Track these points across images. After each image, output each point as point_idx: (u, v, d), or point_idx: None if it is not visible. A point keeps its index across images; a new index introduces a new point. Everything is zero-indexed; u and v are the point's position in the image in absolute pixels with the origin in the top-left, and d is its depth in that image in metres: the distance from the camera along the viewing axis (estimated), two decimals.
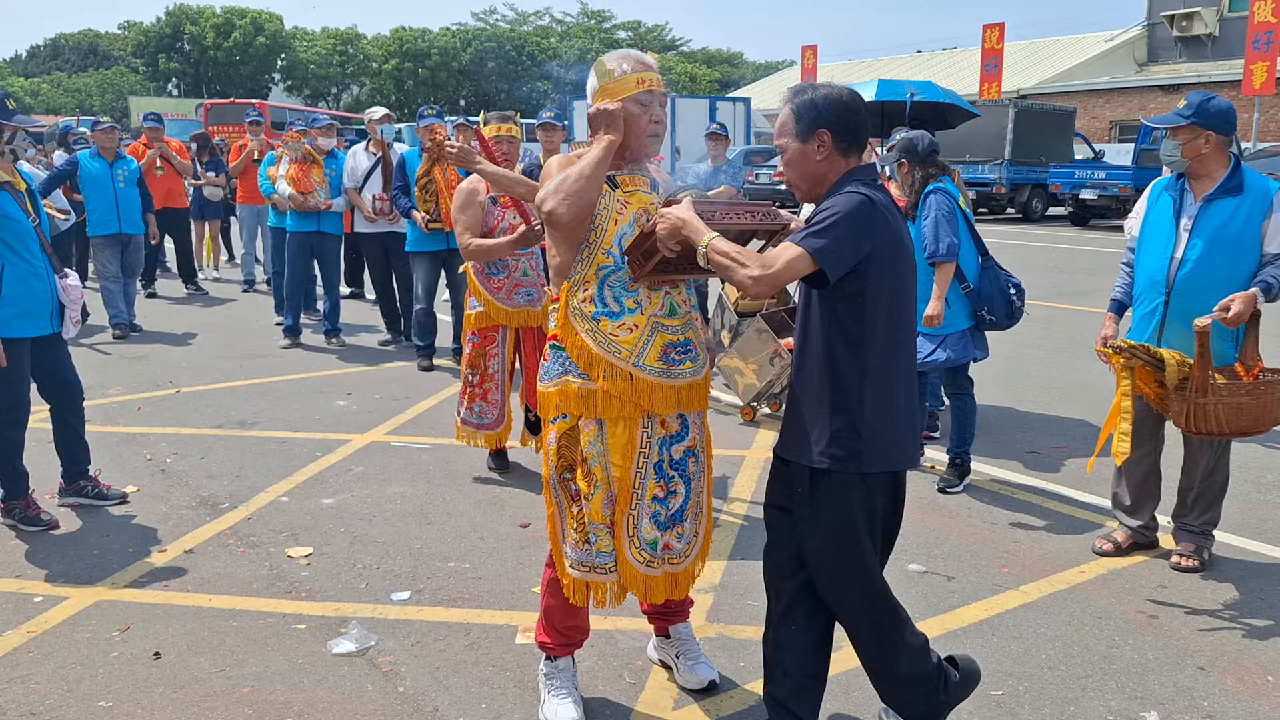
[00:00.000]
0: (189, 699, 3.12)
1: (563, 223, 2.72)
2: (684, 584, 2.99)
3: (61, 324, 4.54)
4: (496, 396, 5.10)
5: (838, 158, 2.58)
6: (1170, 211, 4.02)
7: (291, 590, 3.90)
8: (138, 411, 6.47)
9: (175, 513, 4.70)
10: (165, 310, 10.38)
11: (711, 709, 3.09)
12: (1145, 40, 33.20)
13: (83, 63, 64.83)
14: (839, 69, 42.30)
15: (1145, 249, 4.12)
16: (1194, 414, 3.73)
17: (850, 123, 2.55)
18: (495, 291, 4.97)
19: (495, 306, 4.98)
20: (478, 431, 5.13)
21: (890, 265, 2.51)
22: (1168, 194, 4.08)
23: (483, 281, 4.99)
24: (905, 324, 2.61)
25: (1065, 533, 4.51)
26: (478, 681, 3.23)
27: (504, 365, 5.09)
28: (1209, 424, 3.74)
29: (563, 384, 2.83)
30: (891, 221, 2.52)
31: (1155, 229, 4.09)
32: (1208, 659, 3.40)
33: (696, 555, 3.00)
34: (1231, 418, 3.71)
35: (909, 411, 2.63)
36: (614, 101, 2.76)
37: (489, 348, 5.05)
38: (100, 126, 9.17)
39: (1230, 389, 3.71)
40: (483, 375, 5.07)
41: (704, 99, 29.39)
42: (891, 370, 2.56)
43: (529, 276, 5.01)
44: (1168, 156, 3.99)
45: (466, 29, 59.93)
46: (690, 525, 2.95)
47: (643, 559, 2.87)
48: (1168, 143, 3.96)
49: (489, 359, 5.06)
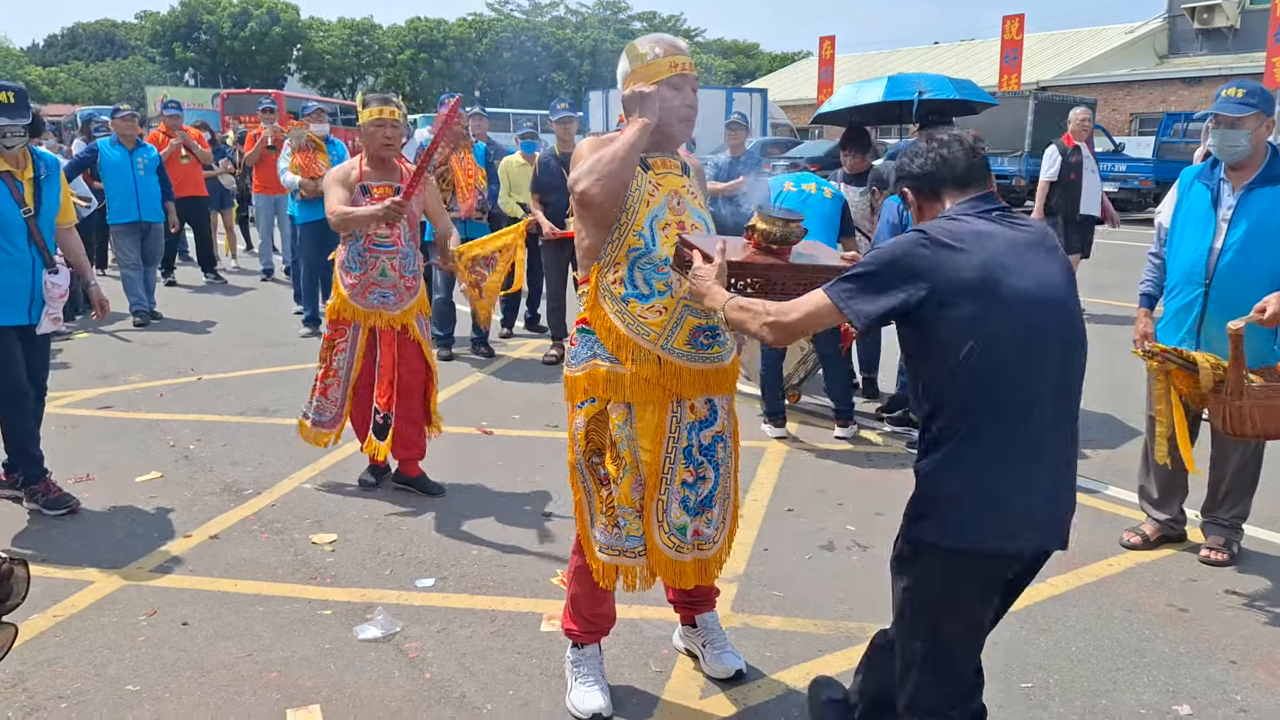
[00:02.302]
0: (217, 683, 3.13)
1: (595, 203, 2.71)
2: (713, 570, 2.99)
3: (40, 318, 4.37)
4: (336, 394, 4.72)
5: (927, 207, 2.41)
6: (1207, 201, 3.93)
7: (317, 576, 3.90)
8: (160, 398, 6.49)
9: (199, 499, 4.71)
10: (185, 298, 10.41)
11: (739, 698, 3.08)
12: (1166, 32, 32.92)
13: (100, 52, 65.04)
14: (856, 60, 42.13)
15: (1180, 240, 4.02)
16: (1230, 416, 3.66)
17: (919, 171, 2.39)
18: (350, 288, 4.60)
19: (347, 303, 4.61)
20: (314, 429, 4.80)
21: (977, 305, 2.16)
22: (1201, 183, 3.99)
23: (342, 274, 4.64)
24: (1021, 384, 2.20)
25: (1092, 526, 4.47)
26: (504, 668, 3.23)
27: (350, 362, 4.68)
28: (1245, 426, 3.66)
29: (590, 367, 2.82)
30: (978, 255, 2.19)
31: (1191, 219, 3.99)
32: (1239, 653, 3.37)
33: (724, 540, 3.00)
34: (1268, 420, 3.61)
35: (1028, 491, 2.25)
36: (648, 85, 2.75)
37: (338, 341, 4.68)
38: (120, 114, 9.19)
39: (1266, 391, 3.63)
40: (326, 369, 4.72)
41: (720, 90, 29.28)
42: (1003, 447, 2.21)
43: (387, 276, 4.58)
44: (1230, 147, 3.82)
45: (482, 19, 59.94)
46: (719, 511, 2.94)
47: (672, 544, 2.86)
48: (1229, 133, 3.80)
49: (335, 353, 4.69)
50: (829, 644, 3.40)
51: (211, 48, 57.02)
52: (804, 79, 42.87)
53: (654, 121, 2.73)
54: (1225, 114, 3.81)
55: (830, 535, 4.34)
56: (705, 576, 2.97)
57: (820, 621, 3.57)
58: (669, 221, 2.80)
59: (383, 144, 4.54)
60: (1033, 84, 29.37)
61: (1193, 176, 4.07)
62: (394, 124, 4.56)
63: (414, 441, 4.77)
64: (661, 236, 2.77)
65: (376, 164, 4.60)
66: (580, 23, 62.50)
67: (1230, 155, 3.86)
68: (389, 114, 4.54)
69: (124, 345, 8.12)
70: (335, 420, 4.78)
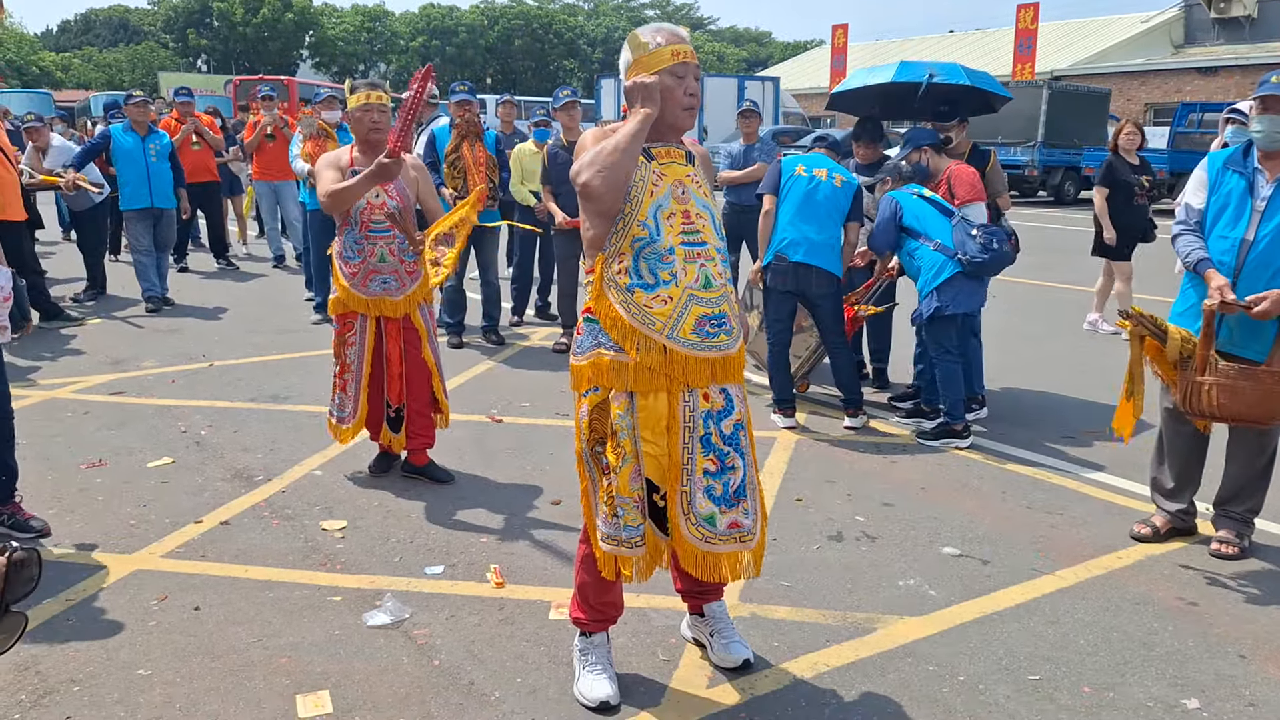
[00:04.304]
0: (227, 668, 3.15)
1: (597, 195, 2.71)
2: (758, 560, 2.91)
3: None
4: (353, 389, 4.71)
5: None
6: (1243, 189, 3.83)
7: (326, 563, 3.92)
8: (172, 384, 6.52)
9: (210, 485, 4.74)
10: (197, 285, 10.45)
11: (745, 688, 3.09)
12: (1182, 21, 32.67)
13: (113, 38, 65.22)
14: (869, 49, 41.90)
15: (1212, 228, 3.91)
16: (1191, 392, 3.68)
17: None
18: (350, 277, 4.59)
19: (350, 293, 4.60)
20: (337, 425, 4.79)
21: None
22: (1235, 172, 3.88)
23: (340, 264, 4.63)
24: None
25: (1101, 518, 4.46)
26: (512, 656, 3.24)
27: (361, 355, 4.68)
28: (1203, 404, 3.67)
29: (595, 356, 2.81)
30: None
31: (1224, 208, 3.88)
32: (1249, 647, 3.36)
33: (760, 532, 2.92)
34: (1228, 401, 3.64)
35: None
36: (650, 75, 2.73)
37: (347, 335, 4.67)
38: (133, 100, 9.20)
39: (1229, 372, 3.64)
40: (342, 365, 4.72)
41: (732, 78, 29.22)
42: None
43: (386, 262, 4.56)
44: (1276, 134, 3.74)
45: (494, 6, 59.83)
46: (752, 501, 2.90)
47: (700, 535, 2.81)
48: (1277, 119, 3.73)
49: (347, 347, 4.68)
50: (836, 634, 3.41)
51: (224, 34, 57.10)
52: (817, 67, 42.72)
53: (656, 111, 2.72)
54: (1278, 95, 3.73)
55: (839, 526, 4.34)
56: (754, 568, 2.89)
57: (828, 612, 3.57)
58: (673, 211, 2.78)
59: (370, 128, 4.53)
60: (1047, 73, 29.18)
61: (1223, 162, 3.95)
62: (381, 109, 4.56)
63: (422, 431, 4.79)
64: (666, 226, 2.76)
65: (366, 149, 4.60)
66: (593, 10, 62.30)
67: (1274, 143, 3.77)
68: (375, 99, 4.55)
69: (136, 331, 8.15)
70: (353, 415, 4.76)
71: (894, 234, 5.53)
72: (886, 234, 5.56)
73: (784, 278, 5.59)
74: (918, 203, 5.50)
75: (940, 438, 5.43)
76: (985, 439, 5.53)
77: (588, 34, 58.51)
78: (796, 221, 5.55)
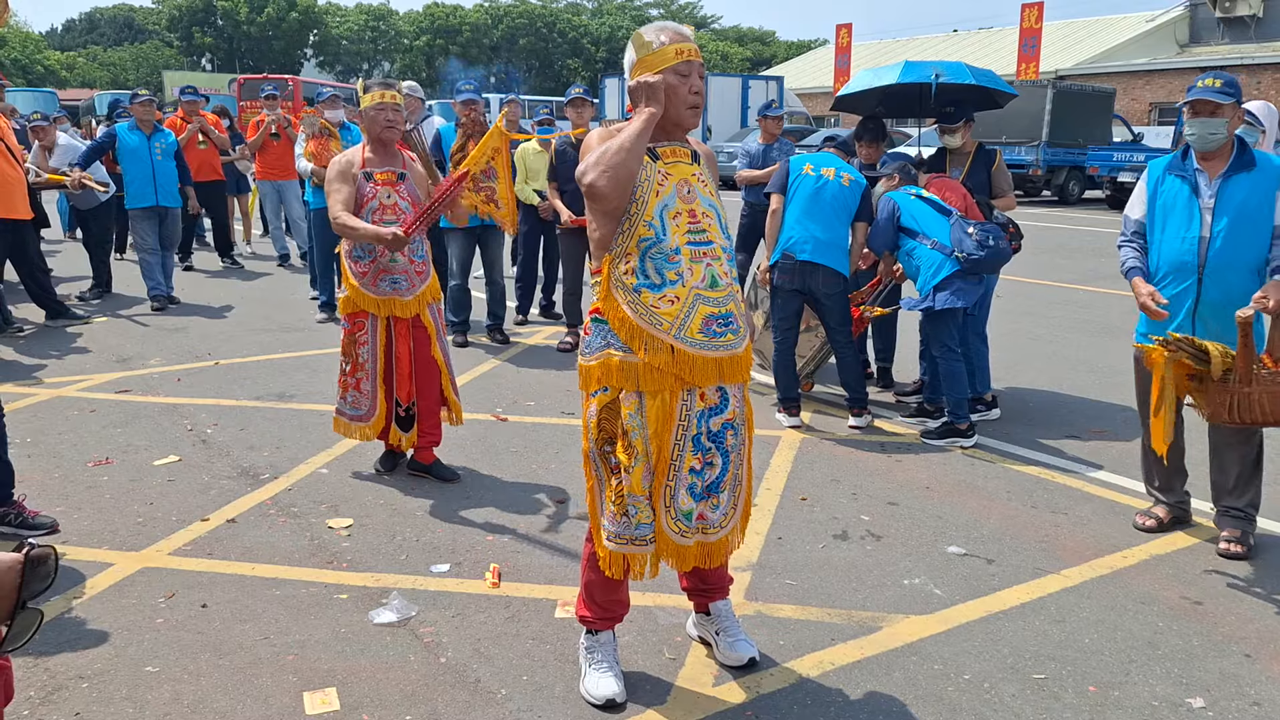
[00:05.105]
0: (235, 665, 3.16)
1: (603, 195, 2.71)
2: (717, 554, 2.96)
3: None
4: (368, 387, 4.73)
5: None
6: (1187, 192, 3.99)
7: (333, 560, 3.93)
8: (178, 383, 6.53)
9: (217, 482, 4.75)
10: (202, 283, 10.47)
11: (751, 686, 3.09)
12: (1187, 21, 32.62)
13: (118, 36, 65.34)
14: (874, 48, 41.89)
15: (1164, 232, 4.06)
16: (1238, 405, 3.69)
17: None
18: (360, 276, 4.61)
19: (360, 293, 4.63)
20: (352, 424, 4.80)
21: None
22: (1175, 176, 4.04)
23: (350, 264, 4.65)
24: None
25: (1106, 517, 4.46)
26: (519, 654, 3.25)
27: (374, 354, 4.71)
28: (1253, 414, 3.69)
29: (604, 357, 2.82)
30: None
31: (1171, 211, 4.04)
32: (1253, 646, 3.36)
33: (734, 528, 2.99)
34: (1276, 406, 3.68)
35: None
36: (654, 74, 2.74)
37: (358, 334, 4.70)
38: (138, 99, 9.22)
39: (1274, 378, 3.66)
40: (354, 364, 4.74)
41: (736, 77, 29.21)
42: None
43: (397, 262, 4.59)
44: (1210, 135, 3.90)
45: (499, 5, 59.86)
46: (727, 497, 2.93)
47: (677, 529, 2.87)
48: (1210, 121, 3.88)
49: (358, 346, 4.71)
50: (842, 633, 3.41)
51: (228, 33, 57.19)
52: (821, 67, 42.69)
53: (660, 111, 2.73)
54: (1208, 100, 3.87)
55: (844, 524, 4.35)
56: (708, 560, 2.95)
57: (833, 610, 3.57)
58: (679, 210, 2.79)
59: (384, 127, 4.56)
60: (1051, 73, 29.16)
61: (1162, 169, 4.12)
62: (395, 108, 4.59)
63: (430, 430, 4.80)
64: (672, 226, 2.77)
65: (379, 148, 4.63)
66: (597, 9, 62.29)
67: (1209, 144, 3.93)
68: (390, 98, 4.57)
69: (142, 329, 8.18)
70: (371, 412, 4.76)
71: (892, 234, 5.56)
72: (884, 234, 5.59)
73: (791, 276, 5.61)
74: (915, 203, 5.53)
75: (945, 437, 5.44)
76: (990, 438, 5.53)
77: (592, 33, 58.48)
78: (803, 220, 5.56)
